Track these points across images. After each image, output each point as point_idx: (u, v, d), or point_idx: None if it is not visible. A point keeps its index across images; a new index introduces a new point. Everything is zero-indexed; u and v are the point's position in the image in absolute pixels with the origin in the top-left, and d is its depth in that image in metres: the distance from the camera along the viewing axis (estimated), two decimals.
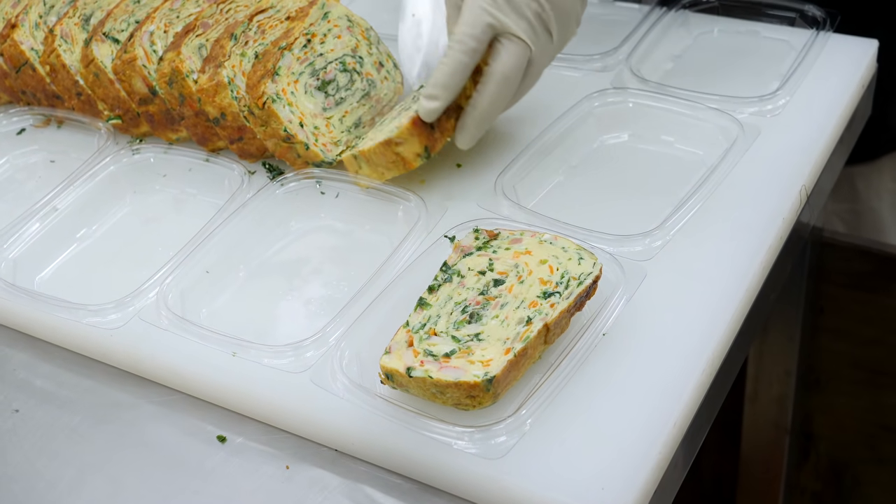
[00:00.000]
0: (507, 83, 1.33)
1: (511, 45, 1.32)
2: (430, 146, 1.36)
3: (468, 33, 1.30)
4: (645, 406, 1.12)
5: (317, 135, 1.44)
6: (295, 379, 1.19)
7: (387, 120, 1.44)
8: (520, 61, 1.33)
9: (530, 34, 1.33)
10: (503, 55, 1.32)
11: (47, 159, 1.56)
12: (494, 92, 1.33)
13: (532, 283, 1.17)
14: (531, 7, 1.32)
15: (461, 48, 1.31)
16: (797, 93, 1.50)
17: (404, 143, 1.34)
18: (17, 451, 1.19)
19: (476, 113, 1.35)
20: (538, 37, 1.34)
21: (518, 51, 1.32)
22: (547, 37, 1.35)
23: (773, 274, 1.31)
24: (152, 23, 1.52)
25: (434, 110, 1.32)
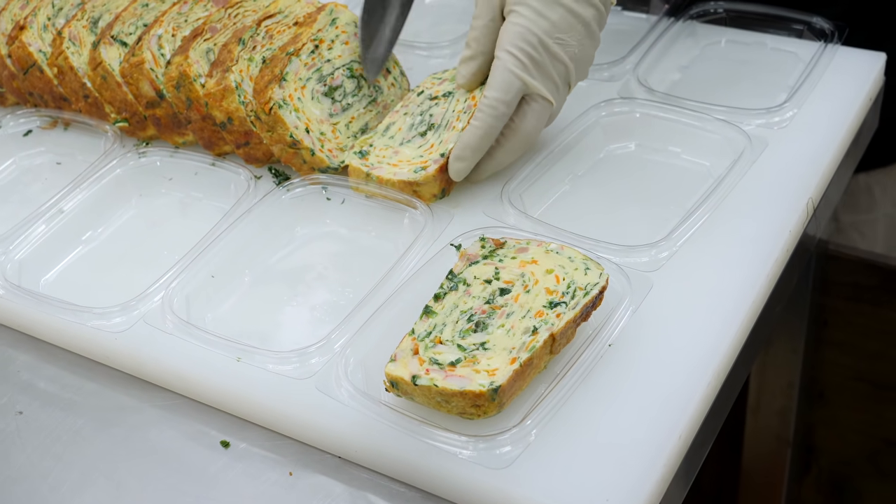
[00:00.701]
0: (530, 139, 1.38)
1: (537, 105, 1.36)
2: (448, 188, 1.40)
3: (499, 98, 1.33)
4: (650, 418, 1.12)
5: (323, 140, 1.43)
6: (299, 385, 1.18)
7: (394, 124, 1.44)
8: (543, 119, 1.38)
9: (555, 93, 1.37)
10: (529, 116, 1.36)
11: (54, 161, 1.56)
12: (517, 148, 1.38)
13: (538, 292, 1.17)
14: (558, 70, 1.36)
15: (493, 113, 1.34)
16: (805, 105, 1.50)
17: (424, 185, 1.37)
18: (20, 454, 1.19)
19: (493, 162, 1.39)
20: (560, 93, 1.38)
21: (543, 111, 1.37)
22: (566, 90, 1.40)
23: (780, 286, 1.31)
24: (160, 26, 1.52)
25: (462, 171, 1.36)
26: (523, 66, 1.33)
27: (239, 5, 1.54)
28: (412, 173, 1.37)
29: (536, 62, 1.34)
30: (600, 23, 1.38)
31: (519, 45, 1.33)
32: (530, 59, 1.33)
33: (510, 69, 1.33)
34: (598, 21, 1.37)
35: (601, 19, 1.37)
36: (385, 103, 1.51)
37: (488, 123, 1.34)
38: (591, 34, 1.37)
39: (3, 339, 1.32)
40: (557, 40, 1.34)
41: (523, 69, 1.33)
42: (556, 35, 1.34)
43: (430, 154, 1.38)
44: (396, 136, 1.43)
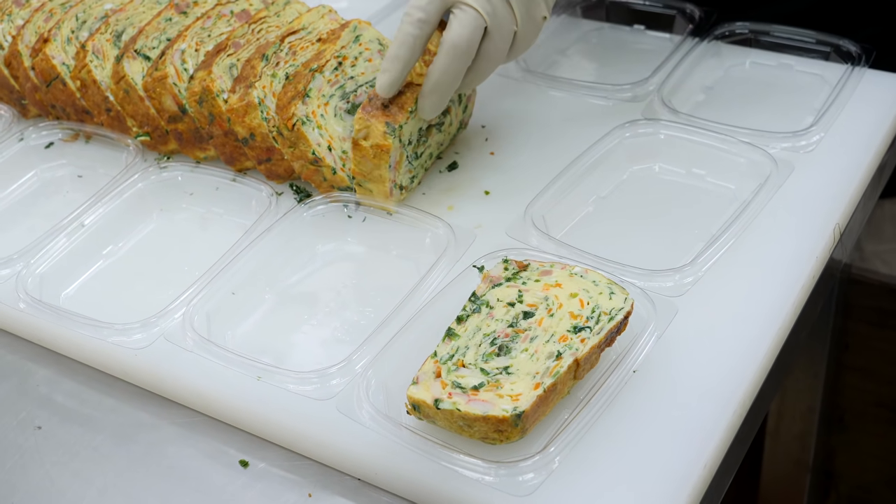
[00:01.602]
0: (458, 52, 1.33)
1: (461, 14, 1.33)
2: (392, 120, 1.37)
3: (415, 5, 1.33)
4: (675, 446, 1.11)
5: (344, 159, 1.43)
6: (320, 406, 1.18)
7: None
8: (472, 31, 1.33)
9: (483, 4, 1.33)
10: (454, 24, 1.33)
11: (75, 174, 1.56)
12: (445, 61, 1.34)
13: (562, 316, 1.16)
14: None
15: (409, 20, 1.33)
16: (831, 129, 1.49)
17: (367, 131, 1.36)
18: (38, 469, 1.18)
19: (429, 82, 1.36)
20: (494, 7, 1.33)
21: (468, 20, 1.33)
22: (506, 9, 1.35)
23: (805, 312, 1.30)
24: (184, 41, 1.52)
25: (388, 83, 1.34)
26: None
27: (263, 21, 1.54)
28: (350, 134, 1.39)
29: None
30: None
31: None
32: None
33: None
34: None
35: None
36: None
37: (405, 31, 1.33)
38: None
39: (23, 353, 1.32)
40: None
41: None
42: None
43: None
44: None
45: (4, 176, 1.55)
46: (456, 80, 1.36)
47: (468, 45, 1.33)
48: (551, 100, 1.61)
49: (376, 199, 1.40)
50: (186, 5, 1.60)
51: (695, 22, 1.71)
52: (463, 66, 1.35)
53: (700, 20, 1.71)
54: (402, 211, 1.38)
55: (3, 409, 1.25)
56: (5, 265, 1.38)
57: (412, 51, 1.33)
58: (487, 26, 1.34)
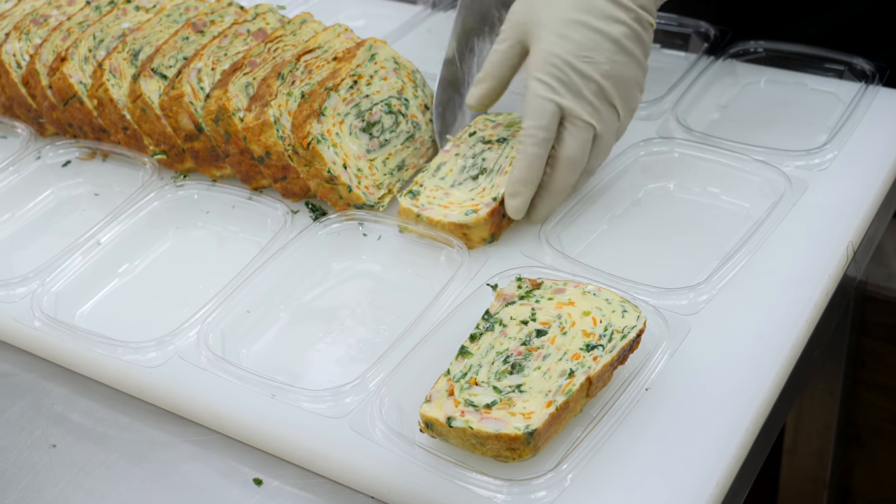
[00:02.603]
0: (574, 165, 1.35)
1: (574, 128, 1.34)
2: (497, 232, 1.39)
3: (536, 125, 1.33)
4: (687, 464, 1.11)
5: (360, 177, 1.43)
6: (333, 424, 1.18)
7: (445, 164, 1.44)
8: (585, 142, 1.35)
9: (592, 114, 1.34)
10: (568, 140, 1.34)
11: (91, 192, 1.57)
12: (562, 175, 1.35)
13: (575, 334, 1.16)
14: (589, 87, 1.33)
15: (532, 141, 1.33)
16: (845, 147, 1.49)
17: (475, 228, 1.37)
18: (53, 487, 1.19)
19: (547, 195, 1.37)
20: (601, 114, 1.35)
21: (582, 133, 1.34)
22: (611, 111, 1.36)
23: (819, 330, 1.30)
24: (200, 60, 1.52)
25: (519, 207, 1.35)
26: (551, 88, 1.32)
27: (279, 40, 1.54)
28: (463, 216, 1.36)
29: (564, 83, 1.32)
30: (636, 40, 1.35)
31: (544, 69, 1.33)
32: (558, 81, 1.32)
33: (539, 94, 1.33)
34: (630, 38, 1.35)
35: (636, 37, 1.35)
36: (423, 139, 1.51)
37: (529, 152, 1.33)
38: (624, 50, 1.34)
39: (39, 372, 1.32)
40: (584, 59, 1.32)
41: (552, 91, 1.32)
42: (583, 54, 1.32)
43: (482, 197, 1.38)
44: (448, 178, 1.43)
45: (22, 194, 1.56)
46: (568, 186, 1.38)
47: (583, 156, 1.35)
48: None
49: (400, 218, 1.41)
50: (203, 24, 1.61)
51: (710, 41, 1.71)
52: (577, 173, 1.37)
53: (715, 39, 1.71)
54: (416, 229, 1.38)
55: (19, 428, 1.26)
56: (21, 283, 1.38)
57: (538, 170, 1.34)
58: (596, 132, 1.35)
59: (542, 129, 1.32)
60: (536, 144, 1.33)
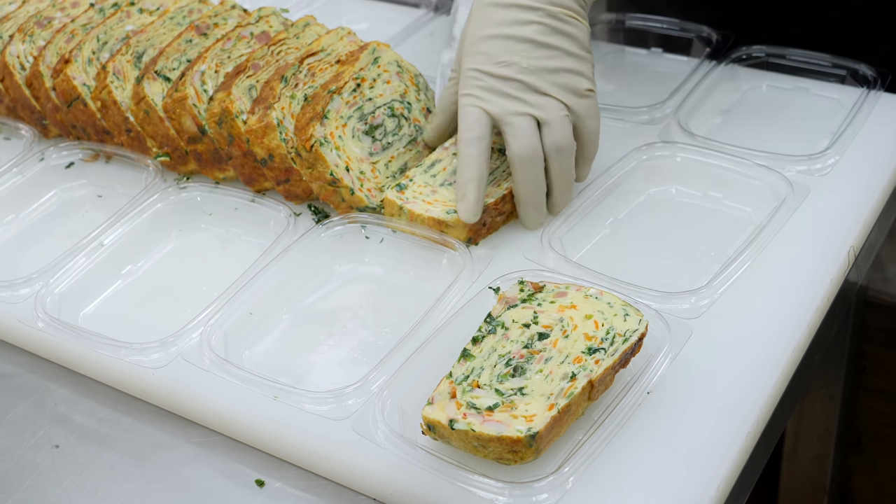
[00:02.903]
0: (526, 161, 1.36)
1: (510, 127, 1.36)
2: (475, 238, 1.40)
3: (464, 129, 1.36)
4: (688, 467, 1.11)
5: (362, 180, 1.44)
6: (335, 426, 1.18)
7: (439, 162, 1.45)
8: (529, 136, 1.36)
9: (522, 106, 1.36)
10: (509, 141, 1.36)
11: (95, 194, 1.57)
12: (521, 174, 1.37)
13: (577, 338, 1.17)
14: (511, 86, 1.37)
15: (464, 143, 1.36)
16: (847, 152, 1.49)
17: (454, 228, 1.37)
18: (56, 488, 1.19)
19: (520, 200, 1.39)
20: (533, 104, 1.37)
21: (520, 129, 1.36)
22: (546, 99, 1.37)
23: (820, 335, 1.30)
24: (204, 62, 1.53)
25: (469, 208, 1.35)
26: (475, 97, 1.37)
27: (282, 43, 1.55)
28: (444, 213, 1.38)
29: (486, 89, 1.36)
30: (554, 33, 1.38)
31: (467, 84, 1.38)
32: (480, 90, 1.37)
33: (464, 105, 1.37)
34: (546, 33, 1.38)
35: (553, 31, 1.38)
36: (425, 143, 1.52)
37: (464, 153, 1.35)
38: (542, 46, 1.37)
39: (42, 373, 1.33)
40: (500, 64, 1.37)
41: (476, 100, 1.36)
42: (498, 61, 1.37)
43: None
44: (438, 176, 1.43)
45: (25, 195, 1.57)
46: (539, 185, 1.38)
47: (532, 150, 1.36)
48: None
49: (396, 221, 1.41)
50: (207, 27, 1.61)
51: (712, 45, 1.72)
52: (538, 171, 1.37)
53: (717, 43, 1.71)
54: (419, 232, 1.39)
55: (22, 428, 1.26)
56: (25, 284, 1.39)
57: (480, 168, 1.35)
58: (539, 118, 1.37)
59: (469, 130, 1.36)
60: (469, 144, 1.35)
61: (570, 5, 1.39)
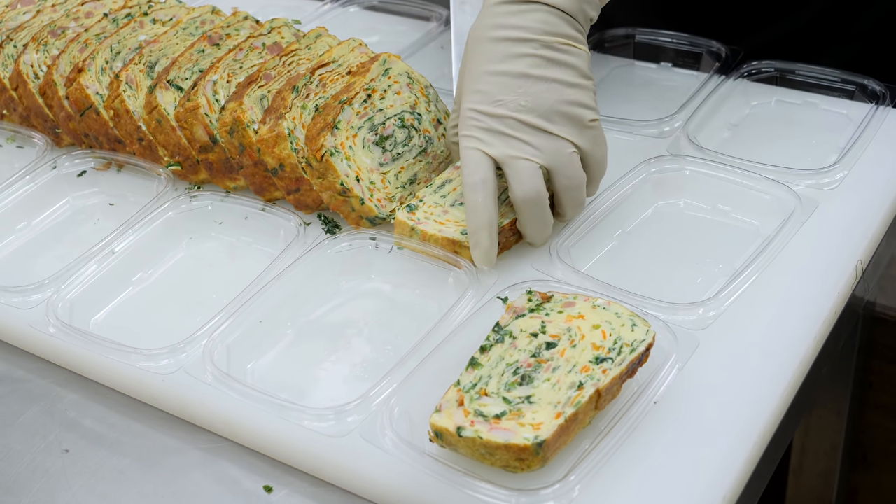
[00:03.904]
0: (531, 205, 1.35)
1: (511, 170, 1.34)
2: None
3: (468, 173, 1.34)
4: (694, 478, 1.11)
5: (372, 190, 1.45)
6: (336, 440, 1.18)
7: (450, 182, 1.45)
8: (531, 179, 1.34)
9: (525, 150, 1.34)
10: (512, 184, 1.34)
11: (106, 202, 1.58)
12: (527, 217, 1.36)
13: (584, 347, 1.17)
14: (508, 125, 1.34)
15: (469, 189, 1.33)
16: (855, 166, 1.50)
17: (468, 248, 1.36)
18: (65, 492, 1.20)
19: (528, 236, 1.39)
20: (536, 146, 1.35)
21: (521, 172, 1.34)
22: (546, 137, 1.35)
23: (827, 348, 1.30)
24: (216, 72, 1.54)
25: (484, 254, 1.34)
26: (475, 139, 1.34)
27: (293, 54, 1.56)
28: (458, 234, 1.37)
29: (486, 130, 1.34)
30: (550, 65, 1.35)
31: (466, 125, 1.36)
32: (480, 131, 1.34)
33: (465, 147, 1.35)
34: (541, 66, 1.35)
35: (549, 62, 1.35)
36: (435, 154, 1.52)
37: (470, 199, 1.33)
38: (539, 80, 1.35)
39: (52, 378, 1.34)
40: (496, 103, 1.34)
41: (476, 141, 1.34)
42: (493, 100, 1.35)
43: None
44: (449, 196, 1.43)
45: (38, 203, 1.58)
46: (544, 223, 1.37)
47: (536, 193, 1.34)
48: None
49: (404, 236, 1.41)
50: (219, 38, 1.62)
51: (721, 60, 1.72)
52: (544, 210, 1.36)
53: (726, 58, 1.72)
54: (411, 244, 1.39)
55: (32, 433, 1.27)
56: (37, 290, 1.40)
57: (489, 212, 1.33)
58: (543, 165, 1.35)
59: (473, 174, 1.33)
60: (474, 190, 1.33)
61: (567, 32, 1.37)
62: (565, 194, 1.38)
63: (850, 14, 1.80)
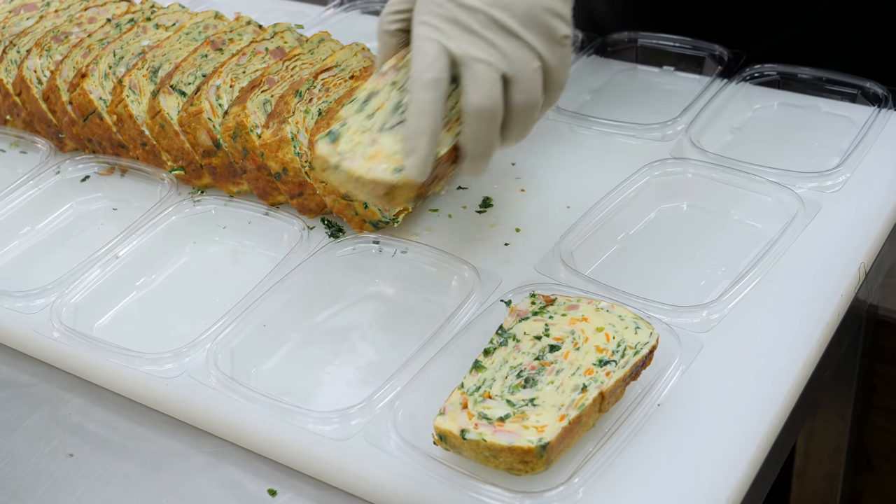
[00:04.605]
0: (483, 117, 1.19)
1: (471, 73, 1.18)
2: (422, 193, 1.24)
3: (422, 65, 1.17)
4: (697, 480, 1.11)
5: None
6: (342, 442, 1.19)
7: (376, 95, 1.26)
8: (489, 88, 1.18)
9: (489, 52, 1.18)
10: (468, 89, 1.18)
11: (110, 207, 1.58)
12: (474, 130, 1.20)
13: (588, 350, 1.17)
14: (477, 19, 1.18)
15: (419, 84, 1.17)
16: (858, 169, 1.50)
17: (402, 188, 1.19)
18: (70, 496, 1.20)
19: (467, 156, 1.23)
20: (502, 50, 1.18)
21: (481, 77, 1.18)
22: (516, 43, 1.19)
23: (830, 351, 1.30)
24: (219, 77, 1.54)
25: (418, 165, 1.17)
26: (435, 28, 1.18)
27: (296, 58, 1.56)
28: (390, 173, 1.18)
29: (448, 19, 1.18)
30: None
31: (426, 10, 1.19)
32: (441, 20, 1.18)
33: (421, 36, 1.19)
34: None
35: None
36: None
37: (417, 98, 1.17)
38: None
39: (56, 382, 1.34)
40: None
41: (436, 31, 1.18)
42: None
43: None
44: (376, 117, 1.24)
45: (41, 208, 1.58)
46: (491, 143, 1.22)
47: (491, 103, 1.18)
48: (581, 138, 1.63)
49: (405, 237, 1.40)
50: (222, 42, 1.63)
51: (724, 63, 1.73)
52: (494, 127, 1.20)
53: (729, 62, 1.72)
54: (429, 253, 1.39)
55: (36, 437, 1.27)
56: (40, 295, 1.40)
57: (435, 118, 1.17)
58: (505, 73, 1.19)
59: (427, 69, 1.17)
60: (425, 88, 1.16)
61: None
62: (518, 113, 1.21)
63: (852, 17, 1.80)
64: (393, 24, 1.25)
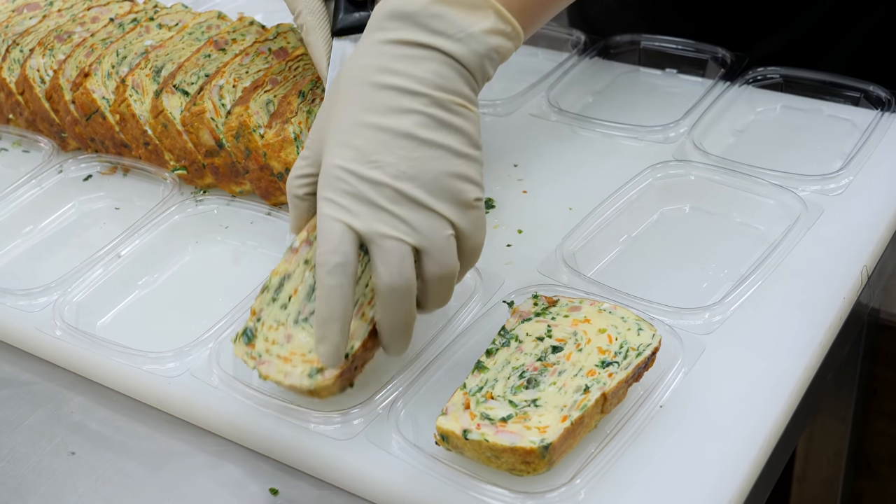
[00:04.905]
0: (398, 293, 1.12)
1: (380, 249, 1.11)
2: (351, 379, 1.19)
3: (325, 251, 1.11)
4: (699, 482, 1.11)
5: None
6: (345, 441, 1.19)
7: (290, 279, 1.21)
8: (400, 264, 1.11)
9: (398, 226, 1.12)
10: (377, 266, 1.12)
11: (112, 206, 1.58)
12: (388, 307, 1.14)
13: (590, 351, 1.17)
14: (384, 194, 1.11)
15: (324, 270, 1.11)
16: (860, 172, 1.50)
17: (323, 390, 1.16)
18: (71, 494, 1.20)
19: (384, 333, 1.17)
20: (411, 223, 1.12)
21: (391, 253, 1.11)
22: (427, 215, 1.12)
23: (832, 354, 1.30)
24: (222, 77, 1.54)
25: (333, 350, 1.12)
26: (338, 206, 1.12)
27: (299, 59, 1.56)
28: (306, 378, 1.14)
29: (352, 196, 1.11)
30: (440, 127, 1.13)
31: (329, 185, 1.13)
32: (345, 196, 1.12)
33: (325, 214, 1.12)
34: (429, 127, 1.12)
35: (439, 124, 1.13)
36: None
37: (325, 284, 1.11)
38: (424, 143, 1.12)
39: (59, 381, 1.34)
40: (371, 164, 1.11)
41: (339, 209, 1.11)
42: (369, 160, 1.11)
43: None
44: (291, 306, 1.19)
45: (44, 207, 1.58)
46: (409, 317, 1.15)
47: (403, 281, 1.11)
48: (584, 140, 1.63)
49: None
50: (225, 42, 1.63)
51: (727, 66, 1.73)
52: (409, 303, 1.14)
53: (732, 64, 1.72)
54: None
55: (38, 435, 1.27)
56: (43, 294, 1.40)
57: (344, 303, 1.11)
58: (417, 246, 1.12)
59: (332, 253, 1.10)
60: (331, 274, 1.10)
61: (461, 90, 1.14)
62: (434, 284, 1.15)
63: (854, 20, 1.80)
64: (301, 188, 1.20)
